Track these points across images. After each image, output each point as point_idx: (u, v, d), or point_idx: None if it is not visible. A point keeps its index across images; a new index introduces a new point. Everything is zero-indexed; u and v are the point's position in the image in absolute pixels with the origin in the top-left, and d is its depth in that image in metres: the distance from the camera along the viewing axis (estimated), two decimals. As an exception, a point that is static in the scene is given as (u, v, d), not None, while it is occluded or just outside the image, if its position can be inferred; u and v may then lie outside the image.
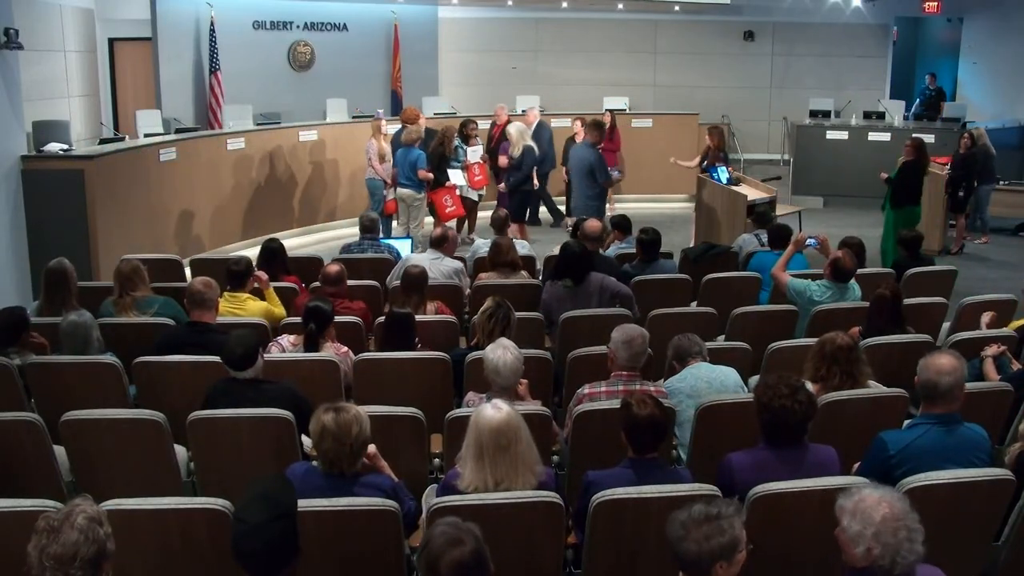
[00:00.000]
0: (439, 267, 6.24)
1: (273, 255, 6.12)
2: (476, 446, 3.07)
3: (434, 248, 6.45)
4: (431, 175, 9.61)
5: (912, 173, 8.85)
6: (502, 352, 3.81)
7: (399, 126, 10.02)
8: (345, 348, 4.71)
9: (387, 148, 9.97)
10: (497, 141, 10.88)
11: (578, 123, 10.76)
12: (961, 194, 10.36)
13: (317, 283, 5.74)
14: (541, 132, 10.88)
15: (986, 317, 5.13)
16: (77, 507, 2.39)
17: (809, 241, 6.21)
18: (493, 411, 3.07)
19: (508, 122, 10.83)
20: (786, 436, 3.28)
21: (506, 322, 4.51)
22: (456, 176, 9.93)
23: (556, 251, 6.96)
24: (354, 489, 3.06)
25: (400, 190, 9.59)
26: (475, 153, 10.24)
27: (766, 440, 3.31)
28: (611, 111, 11.43)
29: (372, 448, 3.21)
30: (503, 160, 10.29)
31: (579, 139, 10.61)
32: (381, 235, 7.78)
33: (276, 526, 2.48)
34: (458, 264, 6.46)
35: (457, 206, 10.03)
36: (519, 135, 10.03)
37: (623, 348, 4.05)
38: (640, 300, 5.82)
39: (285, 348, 4.63)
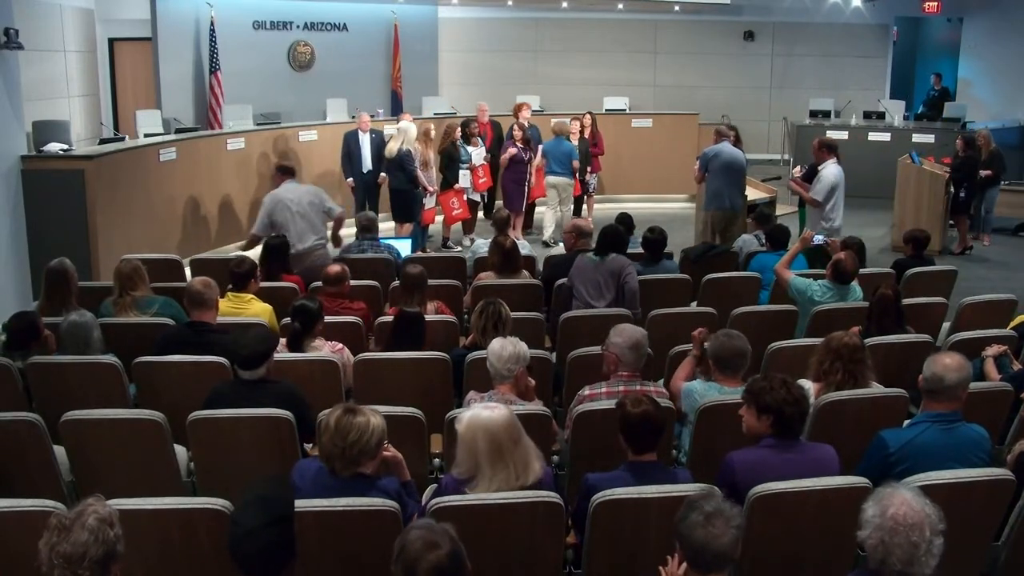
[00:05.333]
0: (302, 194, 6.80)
1: (274, 252, 6.12)
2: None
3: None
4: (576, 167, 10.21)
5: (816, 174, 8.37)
6: (503, 343, 3.85)
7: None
8: (340, 345, 4.71)
9: (431, 155, 9.82)
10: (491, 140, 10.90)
11: (576, 123, 10.75)
12: (962, 195, 10.35)
13: (318, 283, 5.74)
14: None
15: (991, 350, 4.81)
16: (89, 507, 2.39)
17: (816, 238, 6.22)
18: (482, 411, 3.10)
19: (490, 121, 10.84)
20: (788, 430, 3.30)
21: (497, 317, 4.51)
22: (464, 178, 9.95)
23: (555, 252, 7.01)
24: (362, 491, 3.05)
25: (554, 178, 10.23)
26: (478, 155, 10.25)
27: (776, 433, 3.31)
28: (592, 113, 11.26)
29: (391, 451, 3.21)
30: (505, 158, 10.31)
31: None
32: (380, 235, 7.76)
33: (273, 530, 2.47)
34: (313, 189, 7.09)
35: (463, 209, 10.10)
36: (400, 135, 9.52)
37: (629, 352, 4.03)
38: (640, 300, 5.83)
39: (278, 351, 4.61)
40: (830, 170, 7.92)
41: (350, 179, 10.13)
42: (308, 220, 6.73)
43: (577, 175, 10.49)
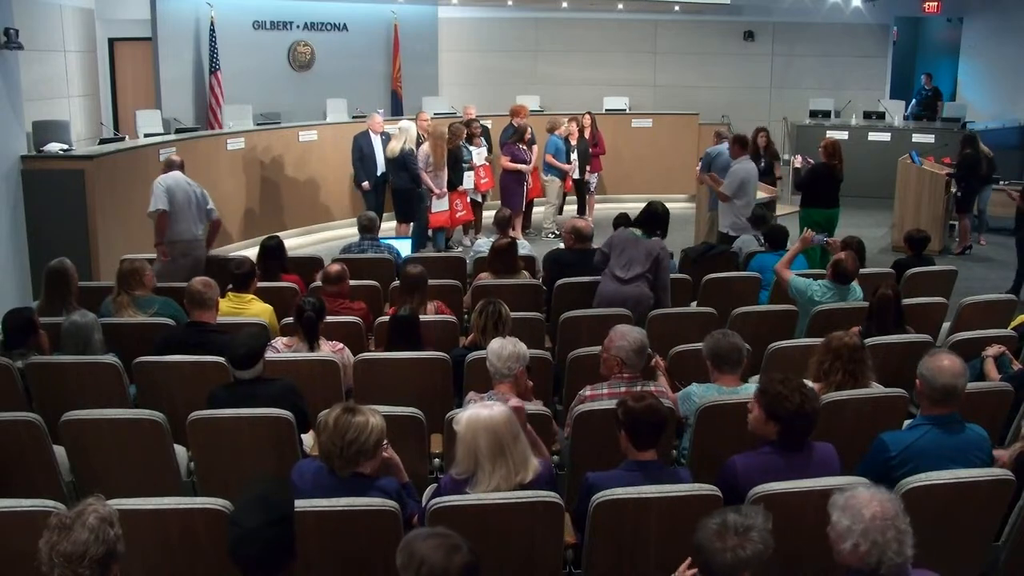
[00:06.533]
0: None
1: (270, 253, 6.12)
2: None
3: None
4: (561, 164, 10.48)
5: (822, 175, 8.50)
6: (503, 342, 3.85)
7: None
8: (340, 345, 4.71)
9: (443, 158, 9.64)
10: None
11: (573, 124, 10.79)
12: (959, 194, 10.35)
13: (317, 283, 5.74)
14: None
15: (991, 350, 4.81)
16: (89, 506, 2.39)
17: (816, 238, 6.23)
18: (480, 410, 3.10)
19: (466, 122, 10.58)
20: (796, 442, 3.28)
21: (496, 316, 4.52)
22: (467, 179, 9.96)
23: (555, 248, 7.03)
24: (362, 491, 3.05)
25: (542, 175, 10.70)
26: (479, 155, 10.24)
27: (781, 441, 3.29)
28: (591, 113, 11.30)
29: (389, 453, 3.21)
30: (504, 160, 10.31)
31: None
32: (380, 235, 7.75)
33: (272, 531, 2.47)
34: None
35: (467, 211, 10.12)
36: (402, 134, 9.42)
37: (634, 355, 4.03)
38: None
39: (279, 350, 4.62)
40: (741, 165, 7.96)
41: (365, 183, 9.81)
42: (201, 211, 6.95)
43: (571, 172, 10.73)
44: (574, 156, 10.74)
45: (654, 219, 5.88)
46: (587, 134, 10.95)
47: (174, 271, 6.51)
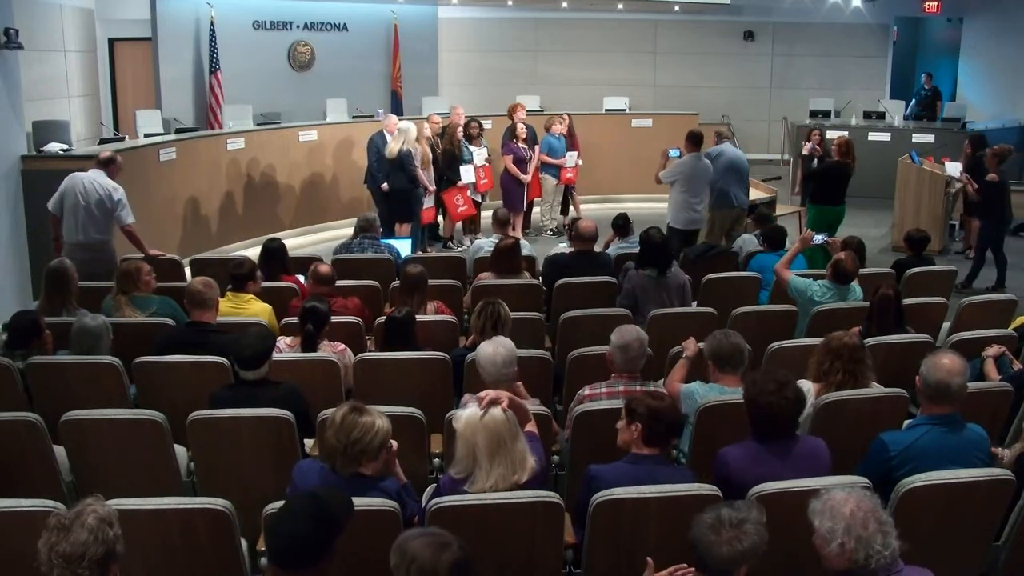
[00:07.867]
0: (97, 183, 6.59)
1: (272, 255, 6.11)
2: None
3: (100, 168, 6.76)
4: (552, 160, 10.59)
5: (834, 173, 8.73)
6: (495, 348, 3.78)
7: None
8: (342, 346, 4.71)
9: (430, 153, 9.61)
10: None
11: (558, 124, 10.84)
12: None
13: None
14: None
15: (991, 351, 4.79)
16: (88, 507, 2.39)
17: (816, 238, 6.24)
18: (480, 409, 3.11)
19: (467, 122, 10.40)
20: (774, 431, 3.31)
21: (495, 317, 4.51)
22: (467, 174, 9.95)
23: (561, 248, 7.04)
24: (363, 491, 3.04)
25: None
26: (480, 155, 10.23)
27: (755, 435, 3.33)
28: (568, 114, 11.18)
29: (394, 449, 3.21)
30: (507, 160, 10.31)
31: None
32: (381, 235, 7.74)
33: (312, 524, 2.44)
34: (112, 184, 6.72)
35: (468, 206, 10.11)
36: (401, 135, 9.29)
37: (619, 353, 4.03)
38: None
39: (282, 350, 4.63)
40: (692, 161, 8.15)
41: (384, 184, 9.48)
42: (91, 215, 6.56)
43: (565, 163, 10.83)
44: (571, 153, 10.81)
45: (659, 251, 5.73)
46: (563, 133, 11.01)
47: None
